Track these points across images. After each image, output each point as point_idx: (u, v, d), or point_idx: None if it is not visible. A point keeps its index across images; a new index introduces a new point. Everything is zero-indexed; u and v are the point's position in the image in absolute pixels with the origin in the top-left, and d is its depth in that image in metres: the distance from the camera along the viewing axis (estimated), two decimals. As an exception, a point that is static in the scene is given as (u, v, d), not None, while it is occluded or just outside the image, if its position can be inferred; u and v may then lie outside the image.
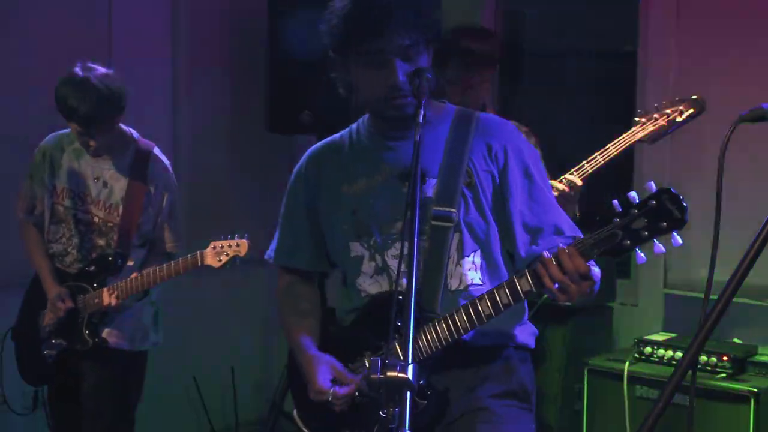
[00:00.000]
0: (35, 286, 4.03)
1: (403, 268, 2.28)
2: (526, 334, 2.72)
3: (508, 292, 2.41)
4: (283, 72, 5.34)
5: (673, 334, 4.51)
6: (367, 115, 2.78)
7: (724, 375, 4.11)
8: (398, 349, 2.33)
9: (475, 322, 2.44)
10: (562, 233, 2.55)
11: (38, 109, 4.69)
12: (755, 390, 3.94)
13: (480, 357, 2.62)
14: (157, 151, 3.99)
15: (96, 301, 3.80)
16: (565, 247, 2.31)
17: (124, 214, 3.86)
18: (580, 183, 3.65)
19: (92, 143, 3.81)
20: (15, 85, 4.79)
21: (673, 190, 2.20)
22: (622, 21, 5.22)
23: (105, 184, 3.91)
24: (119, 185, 3.90)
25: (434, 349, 2.49)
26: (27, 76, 4.80)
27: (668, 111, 3.75)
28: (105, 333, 3.87)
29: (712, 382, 4.07)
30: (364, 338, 2.65)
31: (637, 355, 4.35)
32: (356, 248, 2.69)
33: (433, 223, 2.57)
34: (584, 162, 3.72)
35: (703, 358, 4.18)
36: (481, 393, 2.62)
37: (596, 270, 2.37)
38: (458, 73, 4.04)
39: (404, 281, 2.24)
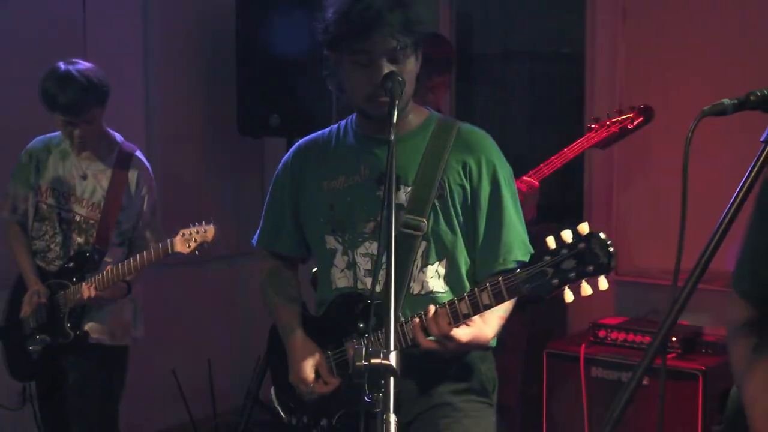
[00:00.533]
0: (20, 286, 4.01)
1: (371, 268, 2.32)
2: None
3: (449, 311, 2.44)
4: (252, 77, 5.34)
5: (626, 318, 4.59)
6: (354, 115, 2.77)
7: (674, 355, 4.19)
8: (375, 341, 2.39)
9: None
10: (513, 255, 2.60)
11: (12, 110, 4.70)
12: (703, 368, 4.03)
13: (439, 357, 2.58)
14: (139, 153, 4.00)
15: (77, 296, 3.79)
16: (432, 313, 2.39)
17: (104, 212, 3.86)
18: (537, 184, 3.73)
19: (76, 133, 3.80)
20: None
21: (602, 236, 2.16)
22: (572, 24, 5.26)
23: (89, 183, 3.91)
24: (102, 184, 3.90)
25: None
26: (7, 73, 4.75)
27: (619, 119, 3.82)
28: (87, 327, 3.86)
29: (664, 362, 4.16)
30: (335, 330, 2.67)
31: (592, 339, 4.41)
32: (331, 241, 2.70)
33: (403, 230, 2.58)
34: (542, 165, 3.80)
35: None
36: (442, 390, 2.64)
37: (465, 332, 2.43)
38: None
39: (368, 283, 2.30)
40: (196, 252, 3.75)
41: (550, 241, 2.21)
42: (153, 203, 4.01)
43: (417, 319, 2.46)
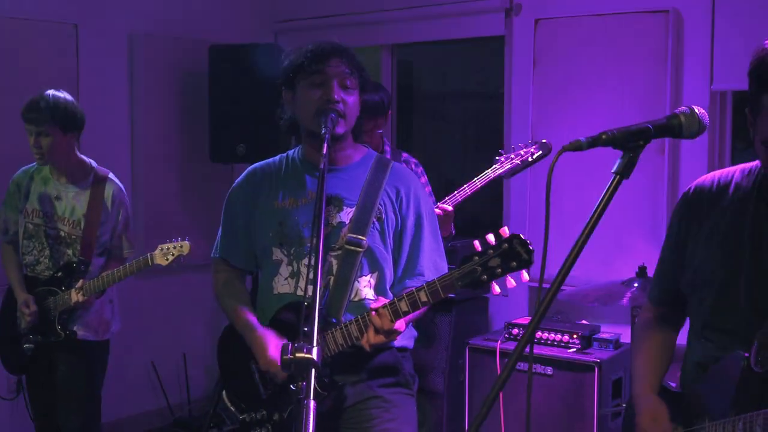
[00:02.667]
0: (11, 293, 3.99)
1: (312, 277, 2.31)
2: (405, 338, 2.68)
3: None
4: (222, 113, 5.35)
5: (535, 318, 4.61)
6: (300, 147, 2.78)
7: (574, 349, 4.23)
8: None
9: (364, 330, 2.45)
10: (425, 277, 2.61)
11: (8, 140, 4.67)
12: (598, 360, 4.07)
13: (370, 357, 2.61)
14: (112, 176, 3.96)
15: (66, 298, 3.76)
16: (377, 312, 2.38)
17: (86, 228, 3.83)
18: (450, 209, 3.76)
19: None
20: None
21: (523, 236, 2.18)
22: (495, 68, 5.30)
23: (66, 204, 3.87)
24: (80, 204, 3.86)
25: (336, 351, 2.49)
26: (2, 109, 4.72)
27: (522, 152, 3.82)
28: (75, 328, 3.83)
29: (565, 355, 4.19)
30: (284, 333, 2.60)
31: (507, 335, 4.43)
32: (277, 253, 2.67)
33: (347, 246, 2.58)
34: (455, 192, 3.82)
35: (559, 336, 4.31)
36: (373, 384, 2.64)
37: (401, 323, 2.41)
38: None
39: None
40: (174, 264, 3.73)
41: (477, 244, 2.22)
42: (126, 217, 3.97)
43: (361, 320, 2.44)
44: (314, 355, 2.07)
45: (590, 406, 4.08)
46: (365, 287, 2.62)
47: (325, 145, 2.46)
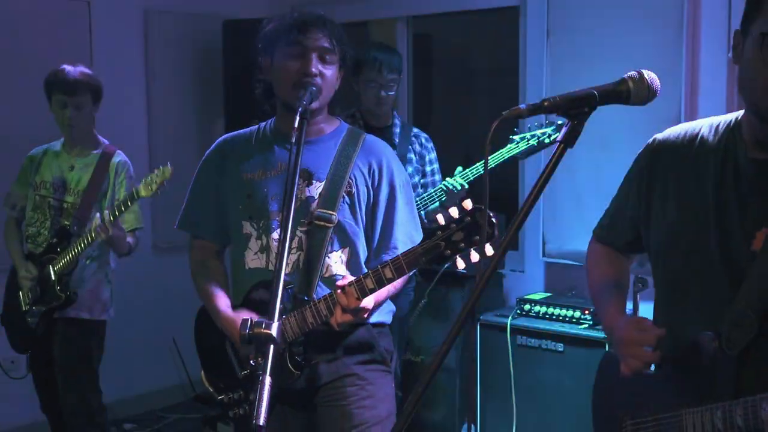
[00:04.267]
0: (15, 274, 4.02)
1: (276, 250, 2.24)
2: (382, 313, 2.63)
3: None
4: (236, 87, 5.32)
5: (548, 294, 4.54)
6: (273, 119, 2.71)
7: (586, 325, 4.15)
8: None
9: (332, 309, 2.39)
10: (399, 249, 2.52)
11: (20, 121, 4.74)
12: (609, 336, 3.98)
13: (344, 334, 2.55)
14: (119, 152, 4.00)
15: (94, 224, 3.63)
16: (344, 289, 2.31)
17: (86, 192, 3.86)
18: (466, 186, 3.74)
19: (67, 115, 3.83)
20: (6, 95, 4.78)
21: (484, 208, 2.01)
22: (509, 42, 5.19)
23: (75, 174, 3.92)
24: (87, 174, 3.90)
25: (307, 329, 2.43)
26: (17, 88, 4.78)
27: (538, 133, 3.74)
28: (72, 307, 3.85)
29: (577, 331, 4.11)
30: (256, 309, 2.53)
31: (518, 311, 4.37)
32: (247, 227, 2.60)
33: (316, 222, 2.51)
34: (467, 170, 3.78)
35: (570, 312, 4.22)
36: (348, 361, 2.57)
37: (369, 300, 2.34)
38: (370, 74, 4.04)
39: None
40: (158, 192, 3.61)
41: (440, 218, 2.16)
42: (131, 186, 3.94)
43: (329, 299, 2.38)
44: (273, 330, 2.02)
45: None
46: (336, 263, 2.55)
47: (297, 118, 2.36)
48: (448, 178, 3.85)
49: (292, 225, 2.26)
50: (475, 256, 2.14)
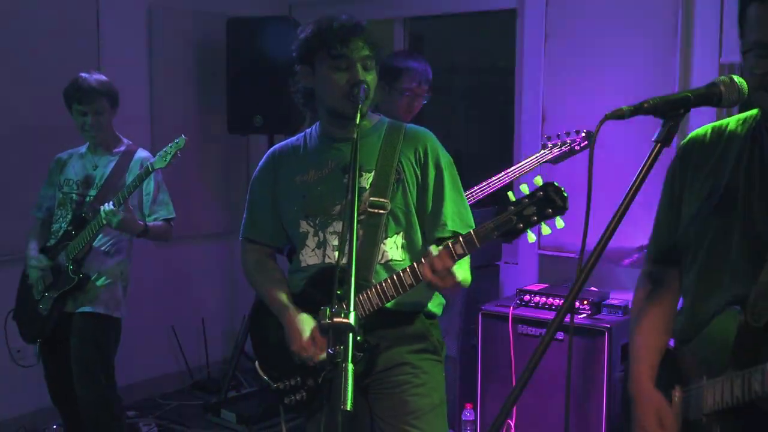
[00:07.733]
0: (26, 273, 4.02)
1: (338, 243, 2.27)
2: (435, 304, 2.70)
3: (410, 274, 2.41)
4: (239, 85, 5.33)
5: (545, 285, 4.62)
6: (318, 123, 2.76)
7: (585, 315, 4.22)
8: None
9: (400, 290, 2.43)
10: (449, 225, 2.56)
11: (36, 115, 4.70)
12: (608, 326, 4.05)
13: (399, 321, 2.60)
14: (142, 149, 4.03)
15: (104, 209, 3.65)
16: (436, 253, 2.29)
17: (105, 183, 3.88)
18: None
19: (88, 121, 3.86)
20: (17, 94, 4.72)
21: (556, 183, 2.14)
22: (504, 42, 5.25)
23: (99, 171, 3.94)
24: (110, 170, 3.93)
25: (368, 312, 2.47)
26: (28, 86, 4.73)
27: (568, 140, 3.83)
28: (86, 302, 3.85)
29: (576, 321, 4.15)
30: (314, 301, 2.56)
31: (518, 302, 4.42)
32: (303, 225, 2.66)
33: (369, 210, 2.56)
34: (506, 171, 3.83)
35: (569, 302, 4.30)
36: (403, 350, 2.62)
37: (460, 273, 2.34)
38: (409, 84, 4.06)
39: (336, 255, 2.25)
40: (173, 162, 3.62)
41: (510, 195, 2.19)
42: (158, 182, 3.98)
43: (423, 259, 2.35)
44: (351, 319, 2.05)
45: (600, 370, 4.07)
46: (391, 249, 2.59)
47: (358, 116, 2.44)
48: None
49: (350, 214, 2.29)
50: (546, 229, 2.19)
